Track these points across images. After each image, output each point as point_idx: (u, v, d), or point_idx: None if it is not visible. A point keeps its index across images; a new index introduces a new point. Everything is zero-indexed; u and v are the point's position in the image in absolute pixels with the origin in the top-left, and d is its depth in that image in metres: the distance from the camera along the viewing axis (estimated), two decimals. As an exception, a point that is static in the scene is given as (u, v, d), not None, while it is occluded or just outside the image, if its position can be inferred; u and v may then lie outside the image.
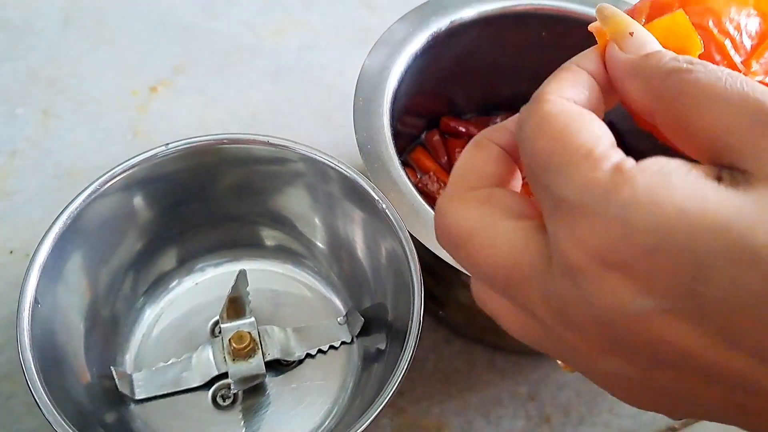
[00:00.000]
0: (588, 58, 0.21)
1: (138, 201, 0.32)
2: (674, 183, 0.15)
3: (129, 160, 0.31)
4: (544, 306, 0.18)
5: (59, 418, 0.24)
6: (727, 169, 0.16)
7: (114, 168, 0.30)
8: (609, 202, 0.16)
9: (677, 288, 0.15)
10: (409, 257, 0.31)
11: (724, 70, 0.17)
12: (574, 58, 0.21)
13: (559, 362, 0.21)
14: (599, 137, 0.17)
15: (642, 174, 0.16)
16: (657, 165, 0.16)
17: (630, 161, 0.16)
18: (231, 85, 0.50)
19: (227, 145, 0.32)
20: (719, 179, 0.16)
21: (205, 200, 0.34)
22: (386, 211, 0.31)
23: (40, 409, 0.25)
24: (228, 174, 0.33)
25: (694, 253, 0.15)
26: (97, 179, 0.30)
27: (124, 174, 0.30)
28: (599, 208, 0.16)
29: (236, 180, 0.34)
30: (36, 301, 0.27)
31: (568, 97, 0.19)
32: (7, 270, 0.41)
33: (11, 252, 0.41)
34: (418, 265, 0.31)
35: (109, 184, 0.30)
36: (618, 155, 0.17)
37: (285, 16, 0.54)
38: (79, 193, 0.30)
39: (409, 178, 0.34)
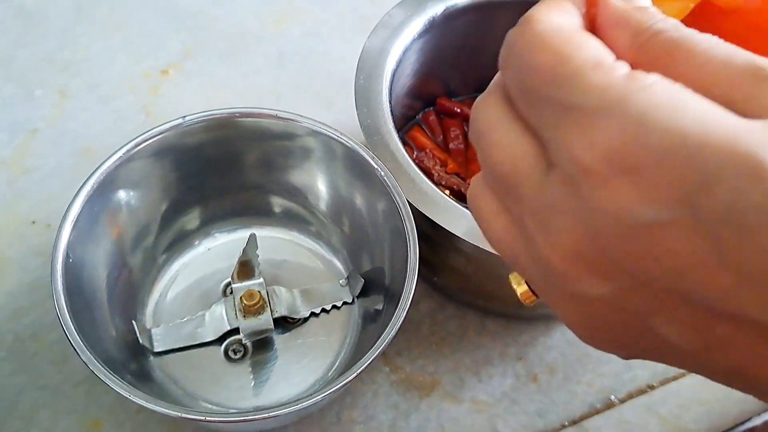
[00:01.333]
0: None
1: (160, 167, 0.35)
2: (691, 96, 0.16)
3: (153, 129, 0.33)
4: (532, 215, 0.18)
5: (92, 358, 0.27)
6: None
7: (139, 136, 0.33)
8: (627, 104, 0.16)
9: (681, 198, 0.15)
10: (406, 223, 0.34)
11: (712, 36, 0.17)
12: None
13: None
14: (604, 51, 0.17)
15: (660, 83, 0.16)
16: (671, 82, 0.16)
17: (641, 71, 0.17)
18: (237, 70, 0.53)
19: (239, 119, 0.35)
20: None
21: (219, 170, 0.37)
22: (385, 179, 0.34)
23: (75, 350, 0.28)
24: (241, 146, 0.36)
25: (703, 161, 0.15)
26: (125, 145, 0.33)
27: (149, 141, 0.33)
28: (616, 110, 0.16)
29: (248, 152, 0.37)
30: (68, 256, 0.30)
31: (558, 14, 0.19)
32: (29, 239, 0.43)
33: (33, 222, 0.44)
34: (414, 230, 0.34)
35: (134, 150, 0.33)
36: (628, 66, 0.17)
37: (288, 5, 0.57)
38: (108, 158, 0.33)
39: (406, 150, 0.37)
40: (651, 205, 0.16)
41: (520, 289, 0.22)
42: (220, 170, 0.37)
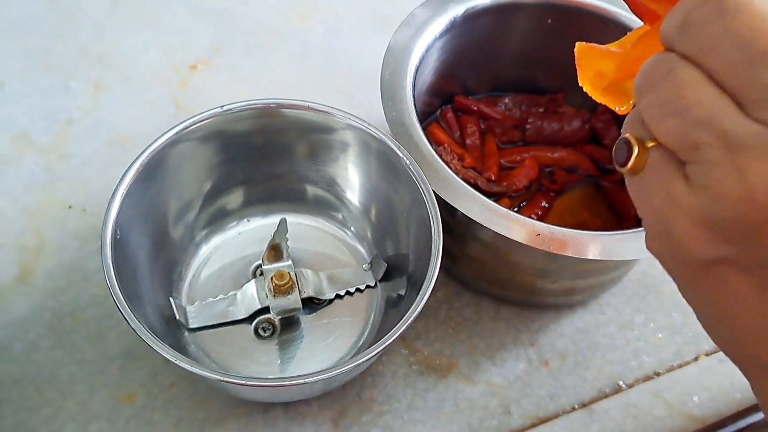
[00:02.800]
0: None
1: (204, 150, 0.38)
2: None
3: (197, 115, 0.36)
4: (728, 150, 0.19)
5: (142, 326, 0.29)
6: None
7: (184, 120, 0.35)
8: None
9: None
10: (431, 209, 0.36)
11: None
12: None
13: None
14: None
15: None
16: None
17: None
18: (262, 65, 0.55)
19: (280, 109, 0.37)
20: None
21: (259, 157, 0.39)
22: (410, 167, 0.36)
23: (124, 318, 0.30)
24: (282, 136, 0.39)
25: None
26: (172, 128, 0.35)
27: (194, 126, 0.35)
28: None
29: (289, 141, 0.39)
30: (115, 232, 0.32)
31: None
32: (66, 222, 0.46)
33: (70, 207, 0.46)
34: (438, 216, 0.36)
35: (181, 133, 0.35)
36: None
37: (311, 3, 0.59)
38: (155, 140, 0.35)
39: (430, 141, 0.39)
40: None
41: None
42: (260, 157, 0.39)
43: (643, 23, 0.29)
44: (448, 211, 0.37)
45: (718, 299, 0.22)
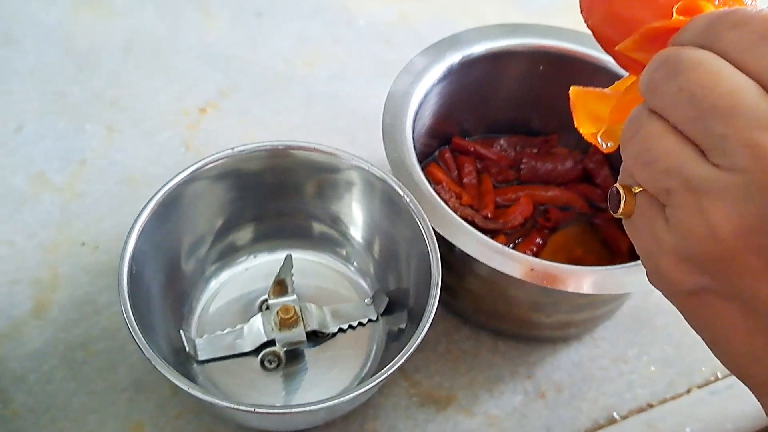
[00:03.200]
0: None
1: (217, 188, 0.40)
2: None
3: (210, 156, 0.38)
4: (692, 193, 0.21)
5: (156, 356, 0.31)
6: None
7: (198, 161, 0.37)
8: None
9: None
10: (430, 245, 0.37)
11: None
12: None
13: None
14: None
15: None
16: None
17: None
18: (269, 108, 0.58)
19: (283, 150, 0.39)
20: None
21: (269, 195, 0.42)
22: (410, 205, 0.38)
23: (140, 348, 0.32)
24: (292, 175, 0.41)
25: None
26: (185, 169, 0.37)
27: (208, 166, 0.38)
28: None
29: (298, 181, 0.41)
30: (131, 267, 0.34)
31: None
32: (79, 258, 0.47)
33: (83, 244, 0.48)
34: (437, 251, 0.37)
35: (195, 172, 0.38)
36: None
37: (316, 50, 0.62)
38: (169, 180, 0.37)
39: (429, 180, 0.41)
40: None
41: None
42: (270, 195, 0.41)
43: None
44: (446, 247, 0.39)
45: (709, 325, 0.24)
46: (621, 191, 0.24)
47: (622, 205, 0.24)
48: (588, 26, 0.31)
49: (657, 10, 0.27)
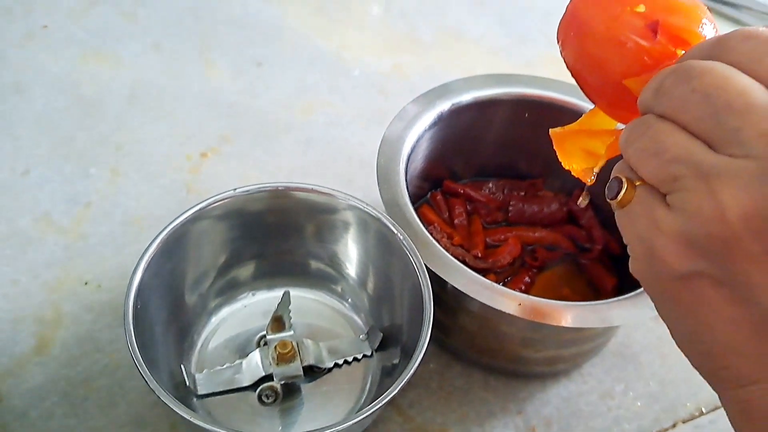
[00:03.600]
0: None
1: (220, 227, 0.42)
2: None
3: (213, 196, 0.40)
4: (701, 179, 0.23)
5: (161, 389, 0.32)
6: None
7: (201, 201, 0.39)
8: None
9: None
10: (423, 281, 0.39)
11: None
12: None
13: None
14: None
15: None
16: None
17: None
18: (268, 153, 0.60)
19: (283, 191, 0.41)
20: None
21: (270, 234, 0.43)
22: (404, 242, 0.40)
23: (145, 381, 0.33)
24: (291, 216, 0.43)
25: None
26: (189, 209, 0.39)
27: (209, 207, 0.40)
28: None
29: (297, 221, 0.43)
30: (136, 303, 0.35)
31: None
32: (82, 297, 0.49)
33: (86, 283, 0.50)
34: (429, 287, 0.39)
35: (195, 212, 0.39)
36: None
37: (313, 98, 0.65)
38: (175, 218, 0.39)
39: (421, 220, 0.43)
40: None
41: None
42: (270, 234, 0.43)
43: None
44: (439, 284, 0.41)
45: (693, 311, 0.25)
46: (624, 180, 0.26)
47: (622, 193, 0.26)
48: (561, 56, 0.33)
49: (626, 54, 0.29)
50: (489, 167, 0.57)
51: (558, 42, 0.33)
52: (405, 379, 0.35)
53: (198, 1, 0.73)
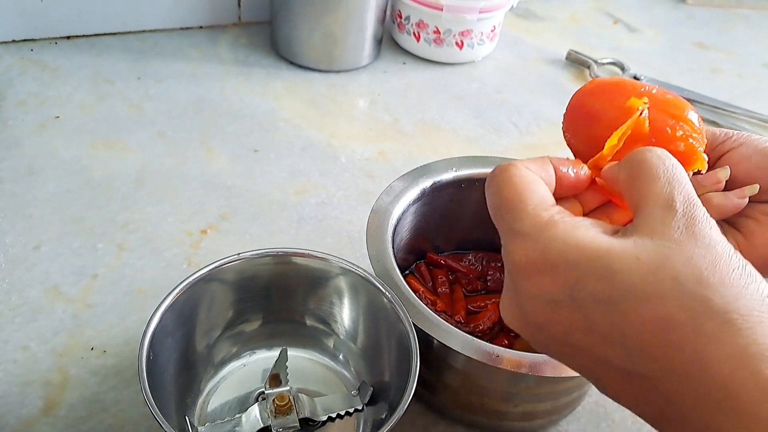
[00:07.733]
0: (561, 162, 0.33)
1: (224, 288, 0.46)
2: (579, 231, 0.28)
3: (218, 260, 0.44)
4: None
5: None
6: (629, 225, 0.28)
7: (206, 266, 0.44)
8: (541, 235, 0.28)
9: (566, 290, 0.27)
10: (411, 338, 0.43)
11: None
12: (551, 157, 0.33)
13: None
14: (546, 197, 0.30)
15: (563, 223, 0.28)
16: (574, 220, 0.29)
17: (562, 214, 0.29)
18: (264, 230, 0.65)
19: (282, 256, 0.46)
20: (615, 232, 0.28)
21: (270, 296, 0.47)
22: (392, 302, 0.44)
23: (162, 428, 0.36)
24: (283, 278, 0.47)
25: (577, 269, 0.27)
26: (198, 271, 0.43)
27: (214, 270, 0.44)
28: (536, 237, 0.28)
29: (289, 283, 0.47)
30: (149, 355, 0.39)
31: (530, 169, 0.31)
32: (89, 362, 0.52)
33: (92, 348, 0.53)
34: (416, 342, 0.43)
35: (205, 273, 0.44)
36: (555, 209, 0.29)
37: (306, 180, 0.71)
38: (179, 284, 0.43)
39: (408, 283, 0.48)
40: (553, 291, 0.28)
41: None
42: (269, 297, 0.47)
43: None
44: (425, 344, 0.45)
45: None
46: None
47: None
48: (565, 138, 0.39)
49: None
50: (468, 241, 0.62)
51: (564, 128, 0.38)
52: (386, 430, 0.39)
53: (199, 95, 0.80)
